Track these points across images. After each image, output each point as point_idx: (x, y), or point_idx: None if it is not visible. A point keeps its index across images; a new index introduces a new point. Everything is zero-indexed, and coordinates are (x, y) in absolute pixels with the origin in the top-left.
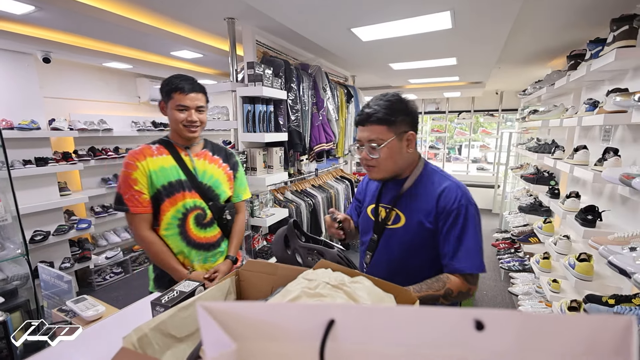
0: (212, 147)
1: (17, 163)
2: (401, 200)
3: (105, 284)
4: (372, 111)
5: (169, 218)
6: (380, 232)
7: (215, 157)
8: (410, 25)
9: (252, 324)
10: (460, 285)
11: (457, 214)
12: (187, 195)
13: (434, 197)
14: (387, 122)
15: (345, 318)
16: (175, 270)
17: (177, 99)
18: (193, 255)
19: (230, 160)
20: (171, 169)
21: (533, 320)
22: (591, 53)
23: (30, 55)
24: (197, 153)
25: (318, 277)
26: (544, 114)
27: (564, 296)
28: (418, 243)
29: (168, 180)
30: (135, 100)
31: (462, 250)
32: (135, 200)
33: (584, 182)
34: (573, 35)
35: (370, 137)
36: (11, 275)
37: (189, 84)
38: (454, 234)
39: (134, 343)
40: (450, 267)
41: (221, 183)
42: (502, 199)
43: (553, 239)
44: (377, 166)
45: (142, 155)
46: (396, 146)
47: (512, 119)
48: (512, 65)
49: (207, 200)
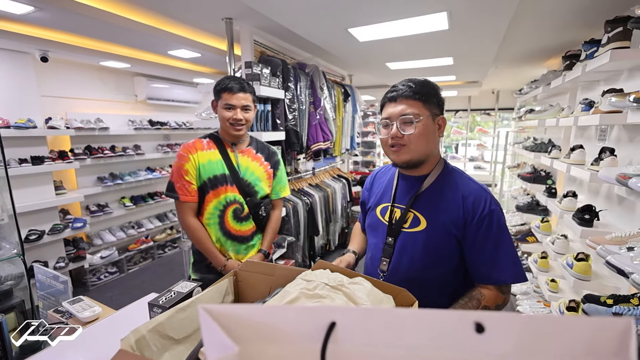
0: (257, 145)
1: (13, 162)
2: (420, 201)
3: (100, 283)
4: (406, 87)
5: (211, 209)
6: (395, 235)
7: (258, 155)
8: (406, 26)
9: (253, 326)
10: (496, 298)
11: (490, 220)
12: (229, 189)
13: (458, 199)
14: (423, 99)
15: (346, 320)
16: (215, 257)
17: (225, 98)
18: (228, 245)
19: (272, 159)
20: (217, 163)
21: (533, 322)
22: (586, 54)
23: (27, 54)
24: (242, 150)
25: (317, 278)
26: (540, 113)
27: (563, 296)
28: (442, 250)
29: (214, 174)
30: (132, 98)
31: (501, 258)
32: (184, 190)
33: (580, 181)
34: (569, 36)
35: (405, 111)
36: (5, 275)
37: (237, 84)
38: (490, 242)
39: (132, 345)
40: (490, 278)
41: (260, 180)
42: (499, 197)
43: (551, 238)
44: (408, 144)
45: (194, 148)
46: (430, 126)
47: (508, 118)
48: (508, 64)
49: (246, 195)
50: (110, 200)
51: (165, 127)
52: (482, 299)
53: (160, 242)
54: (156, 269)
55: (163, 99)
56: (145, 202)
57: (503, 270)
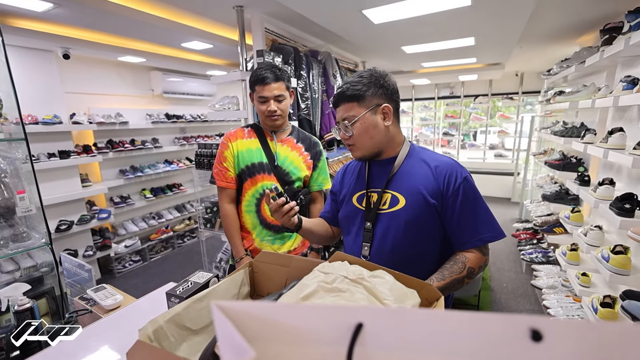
0: (298, 134)
1: (43, 156)
2: (395, 181)
3: (125, 271)
4: (341, 90)
5: (249, 196)
6: (373, 219)
7: (299, 145)
8: (425, 3)
9: (271, 326)
10: (479, 260)
11: (465, 188)
12: (266, 177)
13: (430, 173)
14: (356, 98)
15: (374, 322)
16: (236, 246)
17: (258, 91)
18: (264, 234)
19: (313, 150)
20: (256, 151)
21: (598, 331)
22: (630, 25)
23: (51, 52)
24: (282, 139)
25: (335, 271)
26: (573, 94)
27: (595, 291)
28: (423, 221)
29: (252, 162)
30: (149, 93)
31: (480, 222)
32: (222, 175)
33: (618, 167)
34: (606, 7)
35: (343, 116)
36: (40, 262)
37: (269, 73)
38: (468, 209)
39: (150, 335)
40: (473, 242)
41: (299, 170)
42: (522, 187)
43: (582, 229)
44: (355, 144)
45: (234, 136)
46: (370, 120)
47: (532, 102)
48: (535, 43)
49: (284, 184)
50: (132, 192)
51: (181, 120)
52: (466, 261)
53: (180, 232)
54: (176, 258)
55: (178, 92)
56: (164, 194)
57: (483, 233)
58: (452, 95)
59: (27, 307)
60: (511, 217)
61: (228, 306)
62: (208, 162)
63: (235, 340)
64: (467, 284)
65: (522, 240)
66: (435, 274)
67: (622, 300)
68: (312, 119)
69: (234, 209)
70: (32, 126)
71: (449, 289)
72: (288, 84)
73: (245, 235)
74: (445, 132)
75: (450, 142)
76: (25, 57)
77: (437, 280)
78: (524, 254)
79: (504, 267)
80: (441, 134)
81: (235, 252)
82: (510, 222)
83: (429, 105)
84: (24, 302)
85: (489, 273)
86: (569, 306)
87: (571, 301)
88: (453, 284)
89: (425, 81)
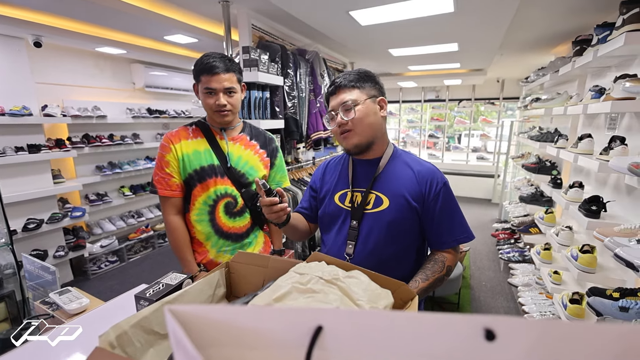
0: (251, 131)
1: (9, 150)
2: (379, 182)
3: (101, 272)
4: (343, 79)
5: (200, 204)
6: (359, 218)
7: (253, 143)
8: (410, 8)
9: (228, 330)
10: (455, 258)
11: (444, 193)
12: (219, 181)
13: (412, 175)
14: (359, 85)
15: (334, 324)
16: (187, 263)
17: (204, 82)
18: (221, 244)
19: (269, 146)
20: (205, 152)
21: (551, 329)
22: (598, 38)
23: (20, 39)
24: (233, 137)
25: (311, 271)
26: (547, 101)
27: (565, 288)
28: (405, 223)
29: (200, 165)
30: (130, 86)
31: (456, 225)
32: (164, 183)
33: (587, 171)
34: (579, 21)
35: (344, 100)
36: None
37: (217, 63)
38: (447, 212)
39: (112, 341)
40: (449, 243)
41: (256, 170)
42: (502, 188)
43: (555, 229)
44: (354, 129)
45: (177, 137)
46: (371, 107)
47: (513, 108)
48: (514, 51)
49: (240, 187)
50: (110, 189)
51: (164, 115)
52: (445, 261)
53: (161, 232)
54: (156, 258)
55: (161, 86)
56: (145, 191)
57: (459, 234)
58: (438, 99)
59: None
60: (491, 218)
61: (183, 310)
62: None
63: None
64: (446, 282)
65: (501, 240)
66: (419, 275)
67: (588, 297)
68: (299, 118)
69: (181, 220)
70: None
71: (432, 287)
72: (239, 76)
73: (196, 248)
74: (431, 134)
75: (436, 144)
76: None
77: (422, 280)
78: (502, 253)
79: (484, 266)
80: (427, 136)
81: (188, 269)
82: (490, 223)
83: (415, 107)
84: None
85: (469, 272)
86: (541, 303)
87: (544, 298)
88: (435, 283)
89: (412, 84)
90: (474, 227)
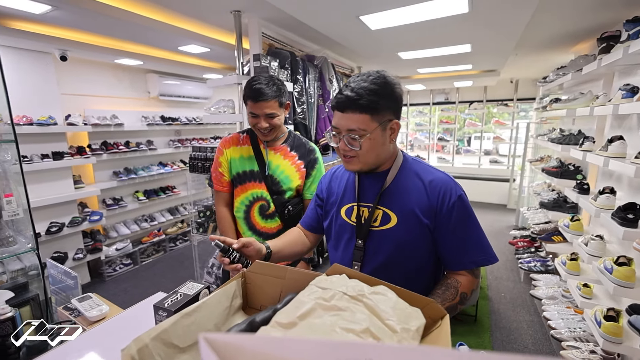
0: (293, 142)
1: (36, 157)
2: (386, 197)
3: (116, 274)
4: (354, 96)
5: (239, 203)
6: (365, 236)
7: (292, 154)
8: (422, 10)
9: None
10: (471, 284)
11: (459, 207)
12: (256, 185)
13: (422, 187)
14: (371, 111)
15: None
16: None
17: (249, 106)
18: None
19: (307, 157)
20: (249, 159)
21: None
22: (629, 34)
23: (48, 54)
24: (275, 147)
25: (333, 286)
26: (570, 102)
27: (598, 303)
28: (416, 242)
29: (243, 169)
30: (145, 95)
31: (473, 243)
32: (217, 180)
33: (618, 176)
34: (602, 17)
35: (350, 127)
36: (29, 265)
37: (259, 93)
38: (462, 229)
39: (134, 355)
40: (464, 264)
41: (291, 180)
42: (518, 193)
43: (583, 238)
44: (357, 157)
45: (229, 143)
46: (379, 137)
47: (526, 109)
48: (530, 51)
49: (273, 193)
50: (125, 194)
51: (176, 122)
52: (458, 286)
53: (172, 235)
54: (168, 262)
55: (174, 95)
56: (157, 196)
57: (476, 255)
58: (447, 101)
59: (9, 317)
60: (507, 224)
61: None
62: (202, 165)
63: None
64: (459, 310)
65: (520, 248)
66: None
67: (629, 315)
68: (308, 124)
69: (228, 212)
70: (26, 127)
71: None
72: (282, 99)
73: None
74: (440, 137)
75: (445, 148)
76: (23, 58)
77: None
78: (522, 262)
79: (502, 275)
80: (436, 139)
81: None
82: (507, 229)
83: (423, 110)
84: (6, 310)
85: (486, 282)
86: (570, 318)
87: (572, 313)
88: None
89: (421, 87)
90: (489, 233)
